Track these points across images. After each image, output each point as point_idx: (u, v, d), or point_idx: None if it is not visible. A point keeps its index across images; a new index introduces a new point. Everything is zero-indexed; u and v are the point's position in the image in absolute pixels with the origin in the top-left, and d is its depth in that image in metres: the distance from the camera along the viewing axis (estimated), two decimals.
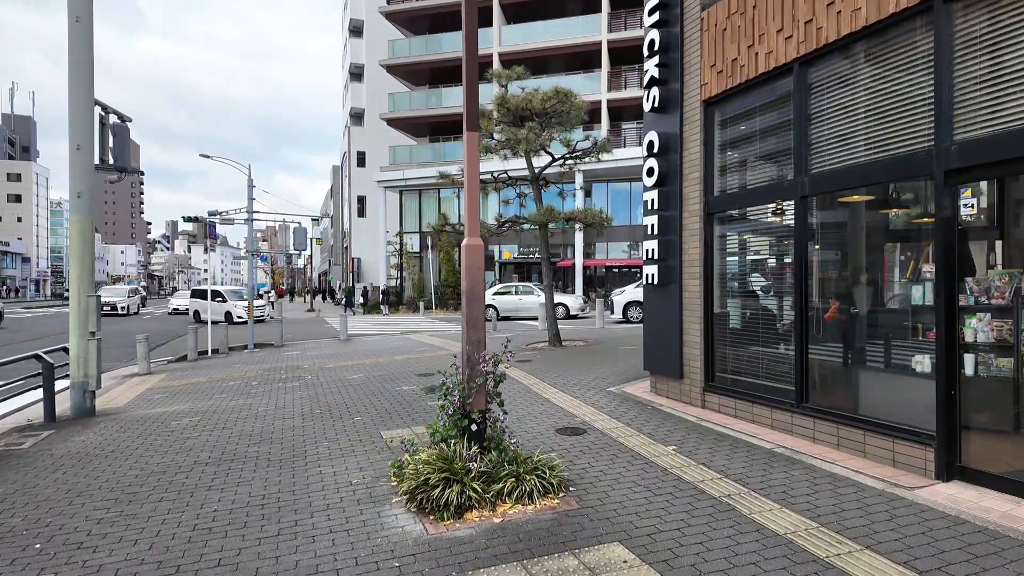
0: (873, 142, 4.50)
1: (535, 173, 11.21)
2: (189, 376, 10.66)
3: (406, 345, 13.65)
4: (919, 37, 4.14)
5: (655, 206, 6.54)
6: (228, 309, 27.26)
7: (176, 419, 6.80)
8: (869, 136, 4.55)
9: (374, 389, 8.03)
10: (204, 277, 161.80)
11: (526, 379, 8.13)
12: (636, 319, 17.33)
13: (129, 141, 8.25)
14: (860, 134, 4.62)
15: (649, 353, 6.88)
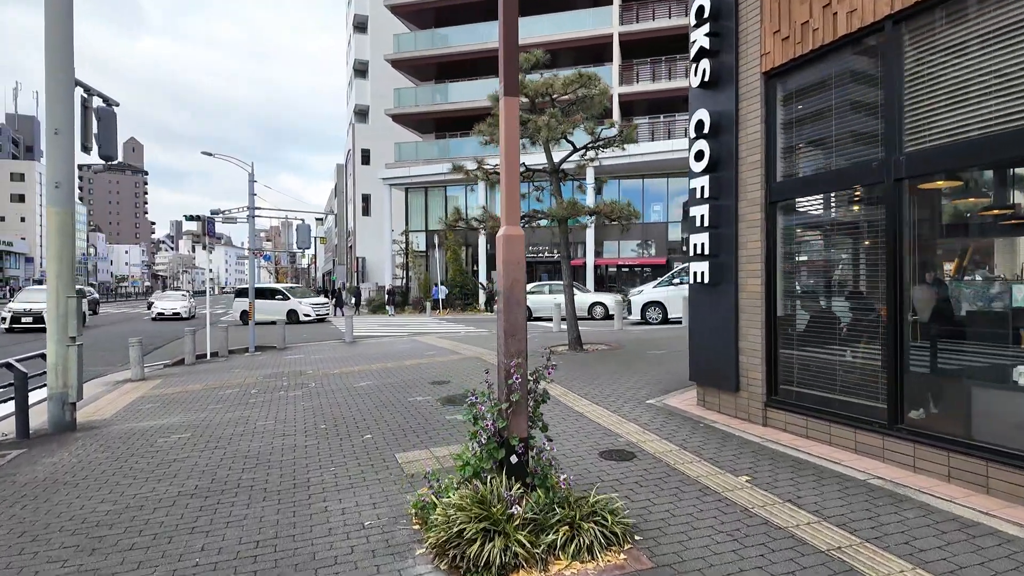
0: (993, 112, 3.71)
1: (554, 165, 10.42)
2: (185, 382, 9.92)
3: (415, 348, 12.89)
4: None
5: (706, 194, 5.75)
6: (292, 308, 25.28)
7: (164, 435, 6.05)
8: (986, 104, 3.75)
9: (384, 400, 7.27)
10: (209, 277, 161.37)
11: (552, 388, 7.34)
12: (655, 320, 16.53)
13: (115, 127, 7.52)
14: (976, 102, 3.82)
15: (696, 362, 6.09)
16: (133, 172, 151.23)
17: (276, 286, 27.89)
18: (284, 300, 25.72)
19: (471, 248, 31.22)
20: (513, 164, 3.61)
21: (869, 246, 4.61)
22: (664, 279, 17.38)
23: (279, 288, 27.15)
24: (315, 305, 26.08)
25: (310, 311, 25.41)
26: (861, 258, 4.72)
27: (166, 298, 31.59)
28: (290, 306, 25.47)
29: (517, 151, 3.64)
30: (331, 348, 14.23)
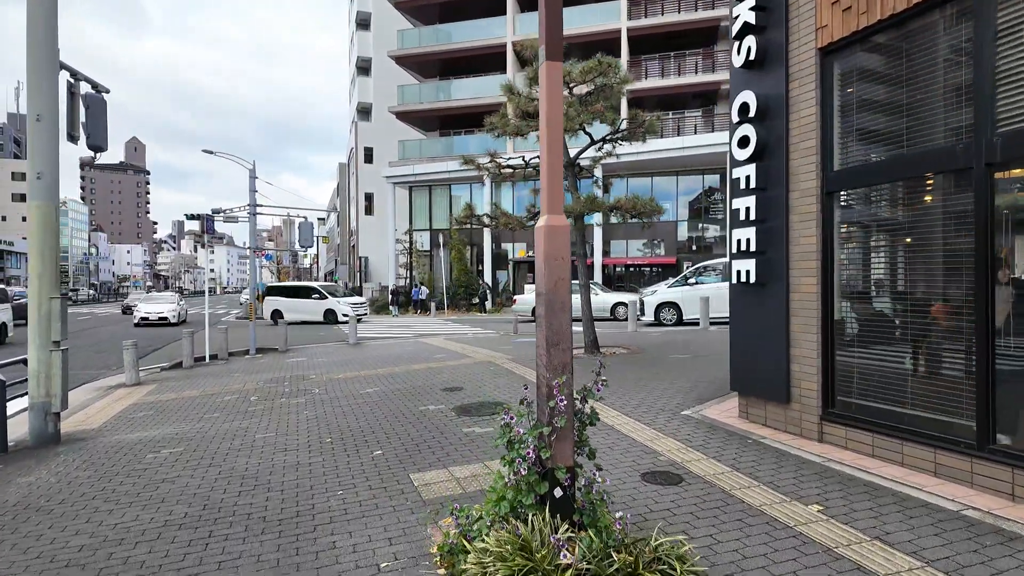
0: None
1: (570, 158, 9.87)
2: (181, 388, 9.40)
3: (422, 351, 12.36)
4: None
5: (751, 184, 5.20)
6: (330, 307, 23.60)
7: (155, 449, 5.52)
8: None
9: (394, 409, 6.73)
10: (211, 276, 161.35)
11: None
12: (669, 322, 15.97)
13: (105, 116, 6.99)
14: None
15: (739, 370, 5.54)
16: (135, 172, 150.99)
17: (312, 284, 25.96)
18: (321, 299, 24.07)
19: (475, 248, 30.70)
20: (556, 140, 3.07)
21: (950, 240, 4.05)
22: (678, 279, 16.82)
23: (315, 286, 25.22)
24: (354, 305, 24.19)
25: (349, 311, 23.52)
26: (938, 254, 4.17)
27: (152, 300, 27.02)
28: (328, 306, 23.80)
29: (560, 125, 3.10)
30: (335, 350, 13.71)
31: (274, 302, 24.78)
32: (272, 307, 24.59)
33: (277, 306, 24.46)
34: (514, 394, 7.10)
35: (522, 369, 8.96)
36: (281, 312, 24.17)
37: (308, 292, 24.84)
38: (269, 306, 24.77)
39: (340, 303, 24.06)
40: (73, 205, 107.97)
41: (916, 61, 4.22)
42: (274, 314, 24.20)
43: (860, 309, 4.73)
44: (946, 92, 4.03)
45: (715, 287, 15.39)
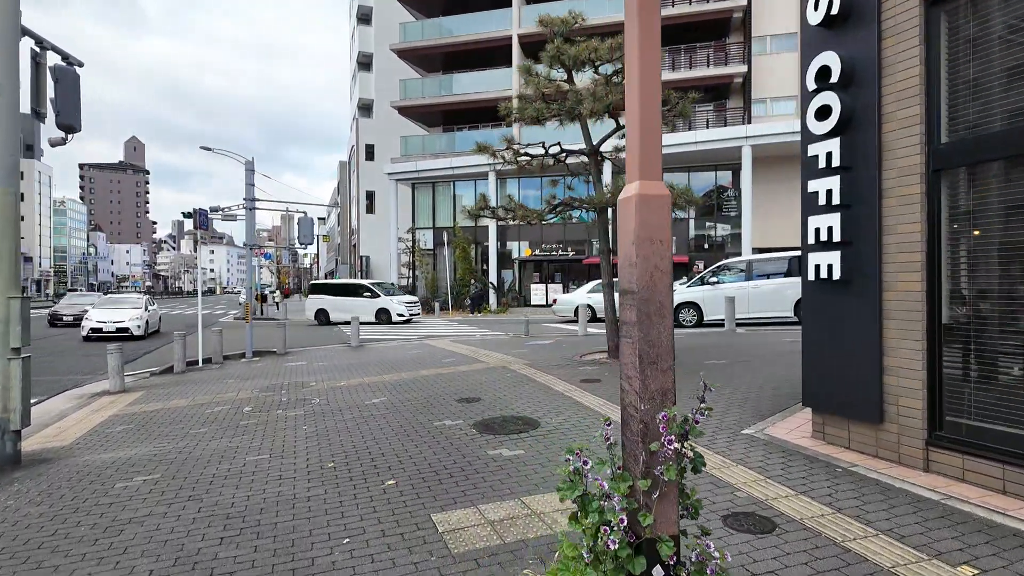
0: None
1: (593, 145, 9.04)
2: (169, 396, 8.58)
3: (429, 354, 11.54)
4: None
5: (834, 162, 4.38)
6: (383, 306, 21.74)
7: (127, 476, 4.70)
8: None
9: (404, 423, 5.91)
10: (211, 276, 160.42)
11: (613, 413, 5.97)
12: (689, 323, 15.14)
13: (78, 91, 6.19)
14: None
15: (814, 382, 4.71)
16: (134, 171, 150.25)
17: (362, 282, 23.89)
18: (373, 298, 22.17)
19: (480, 247, 29.89)
20: (653, 82, 2.23)
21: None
22: (697, 278, 16.00)
23: (366, 283, 23.27)
24: (408, 304, 22.52)
25: (403, 311, 21.83)
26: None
27: (110, 305, 19.61)
28: (380, 304, 21.87)
29: (658, 54, 2.25)
30: (336, 354, 12.89)
31: (319, 301, 22.88)
32: (317, 307, 22.75)
33: (323, 305, 22.66)
34: (540, 406, 6.28)
35: (542, 375, 8.13)
36: (327, 312, 22.39)
37: (358, 290, 22.89)
38: (313, 305, 22.97)
39: (394, 302, 22.19)
40: (71, 204, 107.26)
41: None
42: (319, 314, 22.44)
43: (979, 310, 3.90)
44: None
45: (737, 286, 14.58)
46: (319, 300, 22.99)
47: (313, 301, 23.17)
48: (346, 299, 22.36)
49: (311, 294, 23.54)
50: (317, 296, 23.17)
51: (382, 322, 21.49)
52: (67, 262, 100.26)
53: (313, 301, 23.17)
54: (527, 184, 28.46)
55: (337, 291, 23.06)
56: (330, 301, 22.72)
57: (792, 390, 6.39)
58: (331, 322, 21.94)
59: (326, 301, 22.81)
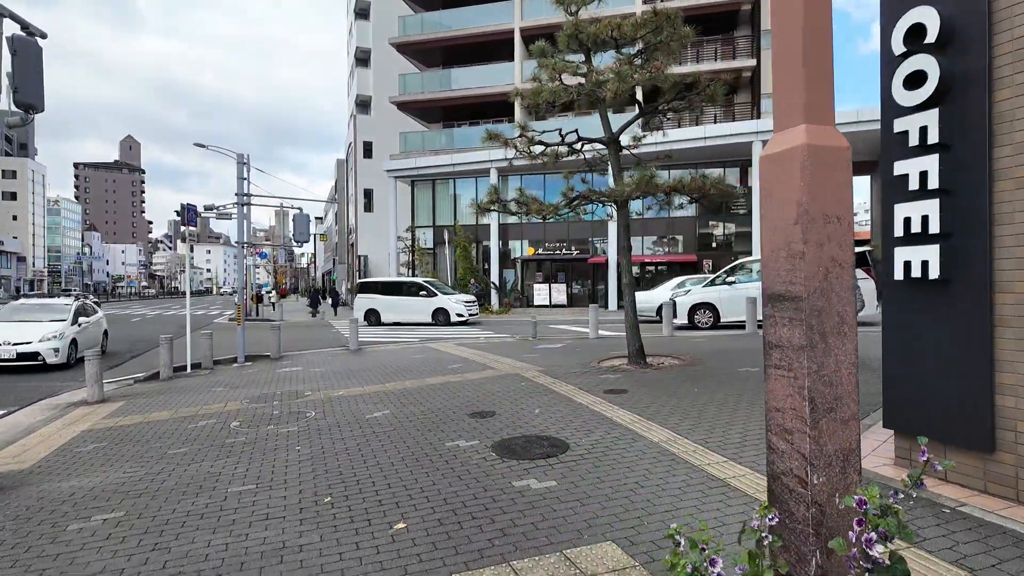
0: None
1: (612, 133, 8.32)
2: (151, 407, 7.84)
3: (434, 360, 10.81)
4: None
5: (929, 138, 3.66)
6: (440, 306, 20.00)
7: (86, 513, 3.97)
8: None
9: (412, 444, 5.17)
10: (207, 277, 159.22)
11: (650, 432, 5.25)
12: (705, 324, 14.44)
13: (40, 65, 5.44)
14: None
15: (899, 401, 3.99)
16: (130, 170, 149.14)
17: (418, 279, 22.15)
18: (429, 297, 20.54)
19: (481, 246, 29.17)
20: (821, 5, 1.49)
21: None
22: (713, 277, 15.29)
23: (420, 282, 21.52)
24: (468, 304, 20.81)
25: (463, 311, 20.15)
26: None
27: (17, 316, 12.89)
28: (438, 304, 20.24)
29: None
30: (333, 358, 12.15)
31: (369, 301, 21.15)
32: (366, 307, 21.04)
33: (373, 305, 21.01)
34: (565, 423, 5.56)
35: (561, 385, 7.41)
36: (378, 312, 20.83)
37: (412, 288, 21.12)
38: (363, 305, 21.19)
39: (452, 301, 20.38)
40: (66, 204, 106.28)
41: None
42: (369, 315, 20.87)
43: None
44: None
45: (756, 286, 13.87)
46: (369, 300, 21.26)
47: (362, 301, 21.38)
48: (400, 298, 20.85)
49: (360, 293, 21.80)
50: (367, 295, 21.45)
51: (439, 323, 19.92)
52: (61, 262, 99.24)
53: (362, 301, 21.38)
54: (530, 183, 27.66)
55: (389, 290, 21.33)
56: (382, 301, 21.08)
57: None
58: (382, 323, 20.55)
59: (377, 301, 21.13)
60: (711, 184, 7.31)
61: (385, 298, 21.09)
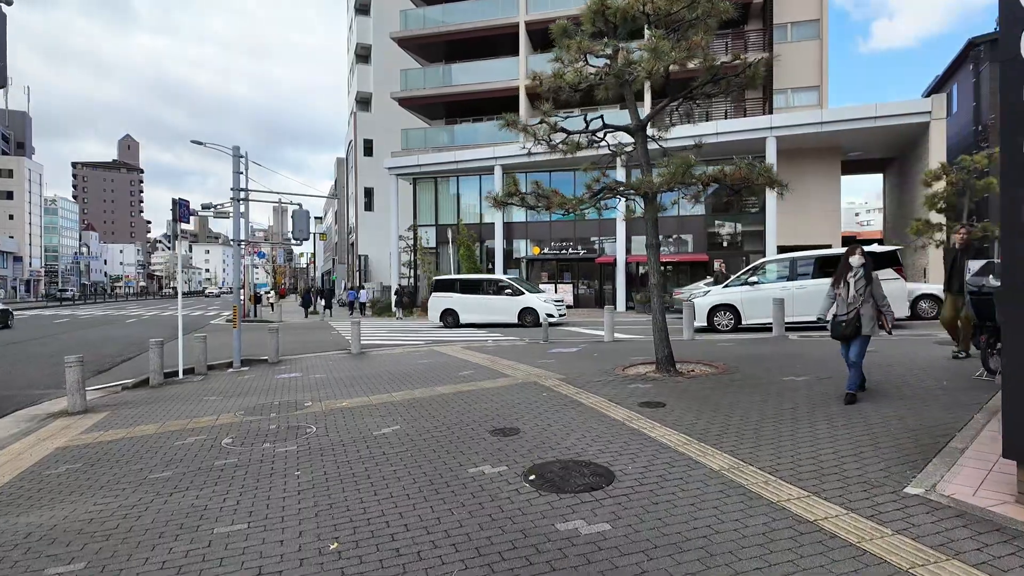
0: None
1: (640, 120, 7.62)
2: (136, 419, 7.14)
3: (442, 365, 10.11)
4: None
5: None
6: (528, 305, 18.16)
7: (38, 565, 3.27)
8: None
9: (429, 471, 4.47)
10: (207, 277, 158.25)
11: (706, 456, 4.54)
12: (725, 327, 13.74)
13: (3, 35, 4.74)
14: None
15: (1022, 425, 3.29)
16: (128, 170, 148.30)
17: (500, 276, 20.72)
18: (515, 295, 18.80)
19: (484, 245, 28.48)
20: None
21: None
22: (734, 277, 14.60)
23: (503, 279, 19.89)
24: (556, 303, 19.09)
25: (553, 311, 18.25)
26: None
27: None
28: (525, 303, 18.42)
29: None
30: (335, 362, 11.44)
31: (445, 300, 19.54)
32: (443, 306, 19.46)
33: (450, 305, 19.40)
34: (603, 443, 4.86)
35: (587, 396, 6.70)
36: (456, 313, 19.28)
37: (495, 286, 19.42)
38: (439, 305, 19.58)
39: (540, 300, 18.60)
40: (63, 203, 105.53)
41: None
42: (446, 315, 19.38)
43: None
44: None
45: (781, 286, 13.19)
46: (445, 299, 19.60)
47: (439, 300, 19.77)
48: (481, 298, 19.18)
49: (435, 291, 20.12)
50: (443, 294, 19.73)
51: (526, 324, 18.24)
52: (59, 262, 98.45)
53: (439, 300, 19.77)
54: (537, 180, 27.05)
55: (467, 288, 19.66)
56: (460, 300, 19.41)
57: (932, 424, 4.98)
58: (460, 324, 19.12)
59: (455, 300, 19.45)
60: (759, 172, 6.59)
61: (464, 297, 19.40)
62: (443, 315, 19.54)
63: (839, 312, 5.81)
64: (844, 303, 5.77)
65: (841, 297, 5.82)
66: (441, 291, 19.89)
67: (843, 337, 5.79)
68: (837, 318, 5.81)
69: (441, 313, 19.56)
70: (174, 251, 21.52)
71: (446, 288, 19.89)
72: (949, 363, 7.63)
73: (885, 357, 8.17)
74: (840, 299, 5.83)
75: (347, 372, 10.01)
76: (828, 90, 26.36)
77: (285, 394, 8.22)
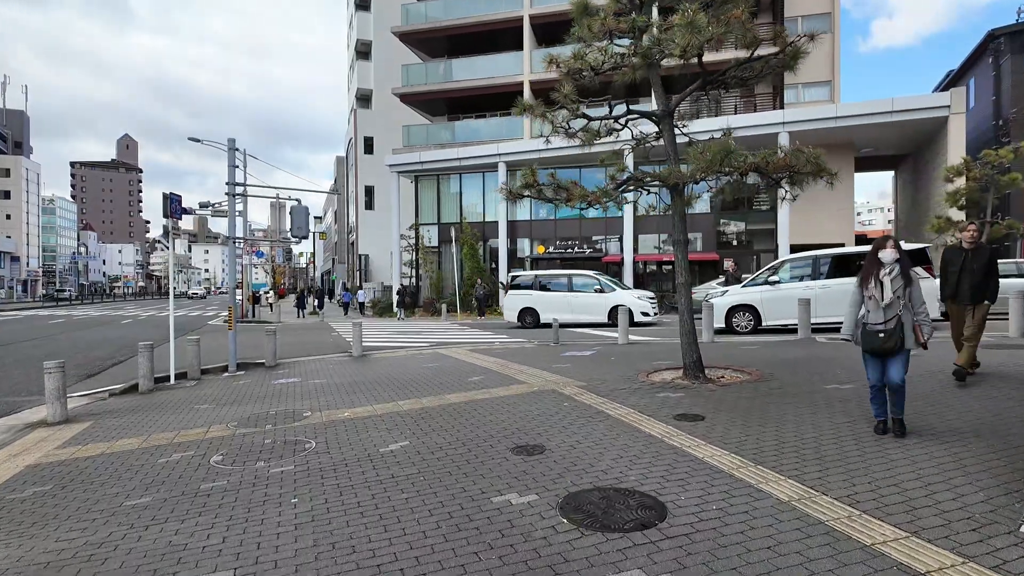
0: None
1: (667, 105, 7.02)
2: (120, 431, 6.55)
3: (450, 370, 9.50)
4: None
5: None
6: (619, 303, 16.21)
7: None
8: None
9: (447, 500, 3.86)
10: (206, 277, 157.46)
11: (768, 482, 3.93)
12: (744, 329, 13.13)
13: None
14: None
15: None
16: (127, 169, 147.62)
17: (586, 272, 18.72)
18: (603, 293, 17.32)
19: (488, 244, 27.88)
20: None
21: None
22: (753, 277, 13.99)
23: (590, 274, 18.29)
24: (651, 300, 17.65)
25: (648, 309, 16.92)
26: None
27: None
28: (616, 301, 16.75)
29: None
30: (335, 366, 10.83)
31: (524, 298, 18.00)
32: (521, 305, 17.91)
33: (530, 303, 17.89)
34: (644, 466, 4.25)
35: (614, 407, 6.10)
36: (536, 312, 17.78)
37: (580, 282, 17.82)
38: (517, 303, 17.99)
39: (632, 297, 17.05)
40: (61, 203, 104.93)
41: None
42: (524, 314, 17.86)
43: None
44: None
45: (804, 286, 12.58)
46: (524, 297, 18.03)
47: (517, 298, 18.16)
48: (566, 295, 17.55)
49: (512, 289, 18.64)
50: (522, 292, 18.17)
51: (614, 324, 16.45)
52: (56, 262, 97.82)
53: (517, 298, 18.16)
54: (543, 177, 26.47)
55: (551, 284, 18.22)
56: (541, 298, 17.88)
57: (1021, 442, 4.37)
58: (540, 324, 17.77)
59: (535, 298, 17.95)
60: (807, 159, 5.97)
61: (546, 295, 17.89)
62: (521, 314, 18.11)
63: (872, 320, 4.54)
64: (878, 308, 4.51)
65: (873, 300, 4.54)
66: (519, 288, 18.43)
67: (882, 352, 4.49)
68: (869, 327, 4.54)
69: (519, 312, 18.09)
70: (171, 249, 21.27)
71: (525, 285, 18.44)
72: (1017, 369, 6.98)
73: (928, 362, 7.54)
74: (872, 303, 4.56)
75: (349, 377, 9.40)
76: (840, 85, 25.78)
77: (282, 402, 7.61)
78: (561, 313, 17.08)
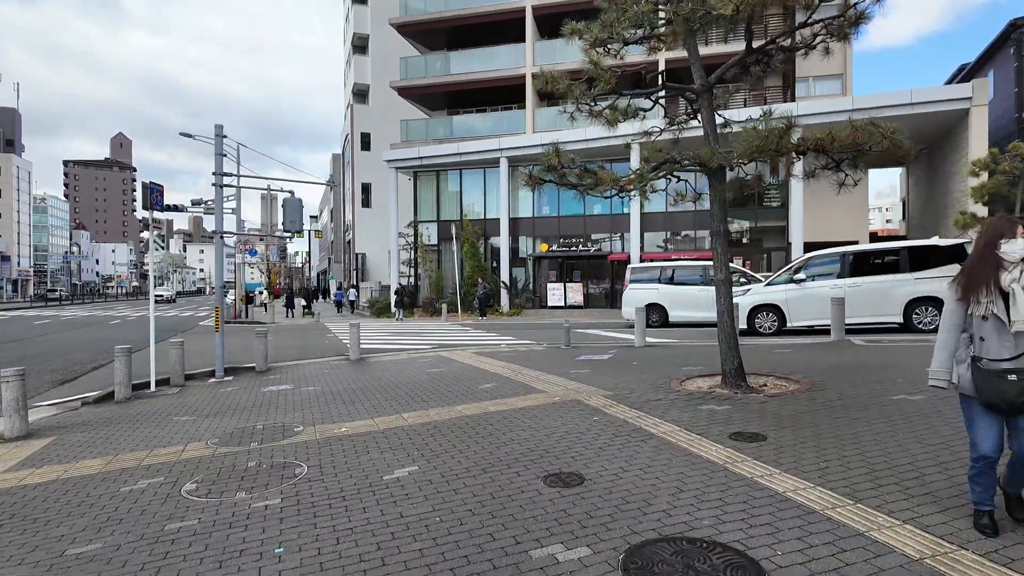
0: None
1: (706, 80, 6.21)
2: (83, 449, 5.70)
3: (457, 375, 8.67)
4: None
5: None
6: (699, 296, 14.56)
7: None
8: None
9: (472, 553, 3.03)
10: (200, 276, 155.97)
11: (879, 529, 3.12)
12: (768, 330, 12.33)
13: None
14: None
15: None
16: (121, 168, 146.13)
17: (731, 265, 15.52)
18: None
19: (489, 242, 27.03)
20: None
21: None
22: (776, 275, 13.20)
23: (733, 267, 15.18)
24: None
25: None
26: None
27: None
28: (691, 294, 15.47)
29: None
30: (331, 372, 9.98)
31: (650, 292, 15.64)
32: (646, 300, 15.24)
33: (656, 299, 15.53)
34: (717, 507, 3.42)
35: (654, 422, 5.28)
36: (663, 309, 15.51)
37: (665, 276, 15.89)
38: (639, 298, 15.12)
39: None
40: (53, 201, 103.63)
41: None
42: (649, 311, 15.19)
43: None
44: None
45: (831, 284, 11.79)
46: (649, 291, 15.65)
47: (639, 292, 15.68)
48: (705, 289, 14.62)
49: (634, 282, 16.37)
50: (644, 285, 15.88)
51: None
52: (48, 262, 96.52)
53: (639, 292, 15.68)
54: None
55: (681, 278, 15.80)
56: (670, 293, 15.55)
57: None
58: (669, 323, 15.71)
59: (662, 293, 15.61)
60: (884, 134, 5.12)
61: (676, 289, 15.47)
62: (647, 311, 15.27)
63: (992, 354, 2.81)
64: (1004, 334, 2.79)
65: (992, 322, 2.81)
66: (640, 282, 16.14)
67: (1011, 407, 2.76)
68: (988, 364, 2.82)
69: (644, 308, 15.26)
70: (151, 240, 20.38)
71: (646, 279, 16.15)
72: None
73: None
74: (989, 327, 2.83)
75: (346, 384, 8.56)
76: (852, 79, 25.02)
77: (272, 414, 6.76)
78: (694, 311, 14.79)
